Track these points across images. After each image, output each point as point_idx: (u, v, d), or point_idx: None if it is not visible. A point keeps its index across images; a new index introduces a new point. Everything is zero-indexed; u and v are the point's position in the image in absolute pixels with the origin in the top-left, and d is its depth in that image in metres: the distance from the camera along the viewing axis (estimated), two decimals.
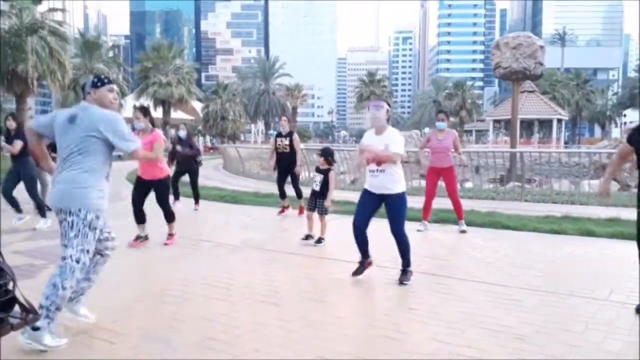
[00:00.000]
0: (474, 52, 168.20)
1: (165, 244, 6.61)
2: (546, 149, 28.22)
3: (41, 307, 3.19)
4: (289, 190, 9.13)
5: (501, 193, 11.89)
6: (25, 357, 3.23)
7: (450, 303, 4.33)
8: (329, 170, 6.74)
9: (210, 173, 20.15)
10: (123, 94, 34.91)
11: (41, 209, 7.96)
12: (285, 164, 8.91)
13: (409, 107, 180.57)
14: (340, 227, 7.07)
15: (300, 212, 8.96)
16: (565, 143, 52.61)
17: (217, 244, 6.83)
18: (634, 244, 4.14)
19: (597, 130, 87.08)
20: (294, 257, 6.09)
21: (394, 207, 4.84)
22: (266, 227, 8.23)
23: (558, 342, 3.47)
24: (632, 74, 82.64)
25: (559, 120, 42.48)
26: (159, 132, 6.22)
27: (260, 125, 74.15)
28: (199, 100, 47.93)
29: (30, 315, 2.66)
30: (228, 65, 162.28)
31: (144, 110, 6.28)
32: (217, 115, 49.70)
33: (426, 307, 4.22)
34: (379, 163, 4.77)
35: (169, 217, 6.71)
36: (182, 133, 10.10)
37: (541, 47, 21.03)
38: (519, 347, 3.41)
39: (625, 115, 71.38)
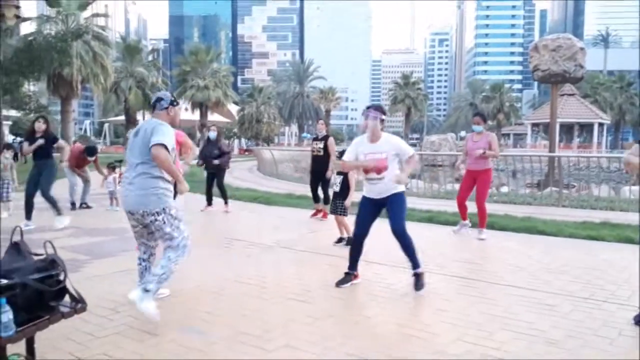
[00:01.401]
0: (512, 54, 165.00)
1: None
2: (585, 154, 27.47)
3: (154, 274, 3.84)
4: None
5: (538, 198, 11.70)
6: (73, 341, 3.41)
7: (480, 306, 4.33)
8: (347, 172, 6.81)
9: (244, 175, 20.47)
10: None
11: (56, 207, 8.07)
12: (319, 168, 8.95)
13: (444, 109, 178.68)
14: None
15: (324, 215, 9.01)
16: (608, 148, 51.14)
17: (250, 243, 6.97)
18: None
19: None
20: (323, 257, 6.18)
21: (394, 204, 4.74)
22: (297, 228, 8.33)
23: (589, 347, 3.45)
24: None
25: (601, 124, 41.37)
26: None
27: (294, 127, 74.68)
28: (235, 103, 48.68)
29: (79, 304, 2.82)
30: (264, 69, 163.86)
31: None
32: (252, 118, 50.31)
33: (455, 309, 4.24)
34: (378, 171, 4.74)
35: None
36: (212, 134, 10.19)
37: (582, 49, 20.50)
38: (549, 350, 3.40)
39: None
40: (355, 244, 4.97)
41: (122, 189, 4.02)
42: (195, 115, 41.82)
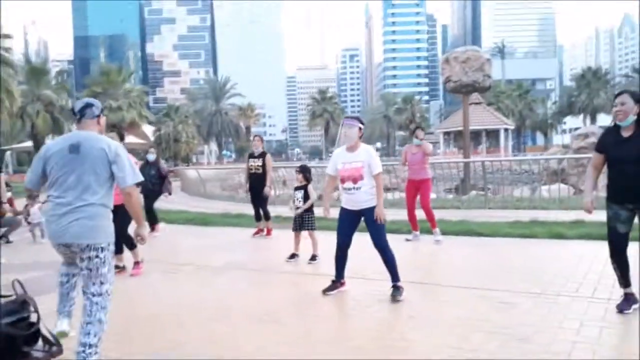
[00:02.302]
0: (419, 67, 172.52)
1: (132, 275, 6.24)
2: (503, 158, 29.19)
3: (90, 345, 3.10)
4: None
5: (466, 202, 12.22)
6: None
7: (447, 310, 4.44)
8: (307, 185, 6.82)
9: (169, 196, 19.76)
10: (72, 120, 33.93)
11: None
12: (258, 185, 8.82)
13: None
14: (327, 243, 7.10)
15: (268, 233, 8.92)
16: (513, 151, 54.50)
17: (198, 266, 6.74)
18: (603, 243, 4.36)
19: (539, 138, 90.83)
20: (280, 275, 6.09)
21: (372, 221, 4.81)
22: (243, 247, 8.18)
23: (560, 341, 3.62)
24: (568, 83, 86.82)
25: (506, 130, 44.01)
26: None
27: (213, 146, 73.49)
28: (150, 123, 47.09)
29: (54, 347, 2.59)
30: (176, 87, 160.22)
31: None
32: (169, 137, 48.80)
33: (425, 315, 4.32)
34: (354, 180, 4.81)
35: (130, 244, 6.29)
36: (151, 157, 9.92)
37: (488, 60, 21.84)
38: (525, 347, 3.54)
39: (565, 123, 74.79)
40: (339, 254, 5.01)
41: (54, 217, 3.30)
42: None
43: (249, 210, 10.75)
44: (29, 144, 33.17)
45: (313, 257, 6.60)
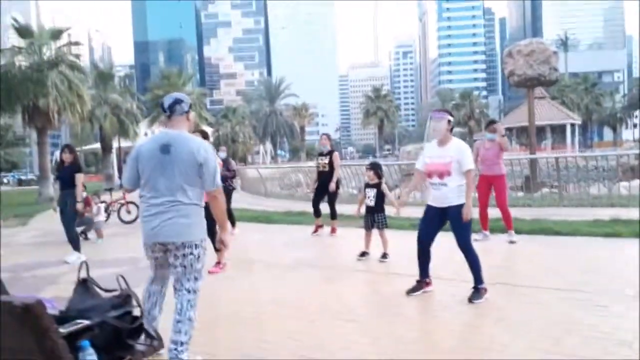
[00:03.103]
0: (475, 62, 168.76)
1: (210, 272, 6.17)
2: (586, 154, 28.05)
3: (182, 343, 3.15)
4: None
5: (537, 200, 11.75)
6: None
7: (536, 312, 4.23)
8: (379, 184, 6.71)
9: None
10: (137, 122, 35.20)
11: (75, 243, 7.81)
12: (326, 183, 8.79)
13: (412, 119, 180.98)
14: (397, 242, 6.99)
15: (333, 231, 8.85)
16: (581, 147, 52.30)
17: (269, 264, 6.77)
18: None
19: (607, 133, 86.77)
20: (352, 273, 6.03)
21: (456, 219, 4.65)
22: (310, 245, 8.18)
23: None
24: (639, 74, 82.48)
25: (572, 125, 42.31)
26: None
27: (268, 146, 74.54)
28: (209, 125, 48.25)
29: (155, 341, 2.62)
30: (232, 89, 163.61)
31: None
32: (227, 138, 50.03)
33: (513, 317, 4.14)
34: (440, 176, 4.68)
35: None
36: (222, 154, 10.04)
37: (554, 52, 20.97)
38: (625, 353, 3.32)
39: (636, 117, 71.08)
40: (421, 252, 4.87)
41: (148, 217, 3.34)
42: None
43: (311, 208, 10.80)
44: (96, 145, 34.76)
45: (384, 256, 6.50)
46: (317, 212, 9.04)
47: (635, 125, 72.55)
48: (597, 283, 4.95)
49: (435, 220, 4.79)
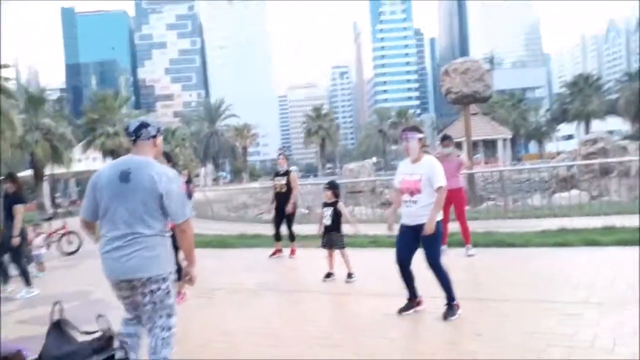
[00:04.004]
0: (409, 81, 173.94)
1: None
2: (524, 167, 29.19)
3: None
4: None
5: (484, 213, 12.08)
6: None
7: (511, 325, 4.27)
8: (336, 202, 6.67)
9: None
10: (71, 147, 33.69)
11: (26, 276, 7.34)
12: (284, 204, 8.62)
13: (351, 138, 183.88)
14: (360, 260, 6.94)
15: (292, 253, 8.69)
16: (511, 161, 54.59)
17: (232, 290, 6.55)
18: None
19: (532, 146, 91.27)
20: (320, 295, 5.92)
21: (428, 237, 4.63)
22: (271, 268, 7.99)
23: None
24: (560, 90, 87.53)
25: (504, 140, 44.16)
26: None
27: (210, 167, 73.34)
28: None
29: None
30: (169, 111, 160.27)
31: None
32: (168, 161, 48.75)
33: (491, 332, 4.16)
34: (411, 193, 4.68)
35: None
36: (183, 179, 9.68)
37: (487, 70, 21.99)
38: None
39: (559, 130, 75.21)
40: (402, 272, 4.79)
41: (109, 253, 3.07)
42: (108, 163, 39.91)
43: (265, 230, 10.61)
44: (28, 172, 32.97)
45: (349, 276, 6.42)
46: (277, 236, 8.81)
47: (557, 139, 76.90)
48: (562, 293, 5.07)
49: (409, 239, 4.75)
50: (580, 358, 3.46)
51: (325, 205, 6.76)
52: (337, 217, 6.59)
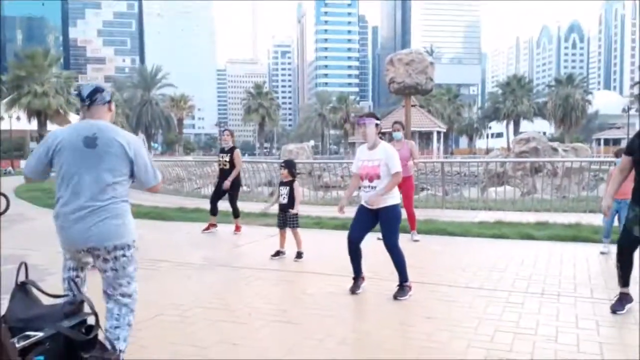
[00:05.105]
0: (350, 67, 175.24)
1: None
2: (460, 159, 30.08)
3: (120, 351, 2.81)
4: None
5: (423, 202, 12.41)
6: None
7: (460, 310, 4.44)
8: (292, 181, 6.65)
9: None
10: None
11: None
12: (224, 181, 8.58)
13: (290, 119, 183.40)
14: (306, 241, 6.96)
15: (237, 229, 8.65)
16: (443, 153, 56.41)
17: (178, 263, 6.39)
18: (575, 245, 4.34)
19: (462, 141, 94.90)
20: (270, 272, 5.89)
21: (386, 220, 4.82)
22: (216, 244, 7.88)
23: (588, 341, 3.70)
24: (493, 89, 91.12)
25: (438, 133, 45.52)
26: None
27: (142, 136, 70.83)
28: (77, 111, 44.70)
29: (110, 353, 2.32)
30: (100, 75, 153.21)
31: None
32: None
33: (442, 316, 4.29)
34: (370, 179, 4.78)
35: None
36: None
37: (431, 63, 22.48)
38: (555, 347, 3.59)
39: (490, 127, 78.48)
40: (351, 249, 4.91)
41: (70, 222, 2.93)
42: (33, 125, 37.60)
43: (204, 204, 10.44)
44: None
45: (298, 255, 6.45)
46: (214, 210, 8.82)
47: (487, 136, 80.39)
48: (504, 282, 5.31)
49: (366, 221, 4.89)
50: (526, 345, 3.64)
51: (282, 184, 6.72)
52: (292, 196, 6.57)
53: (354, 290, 4.94)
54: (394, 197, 4.85)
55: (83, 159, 2.95)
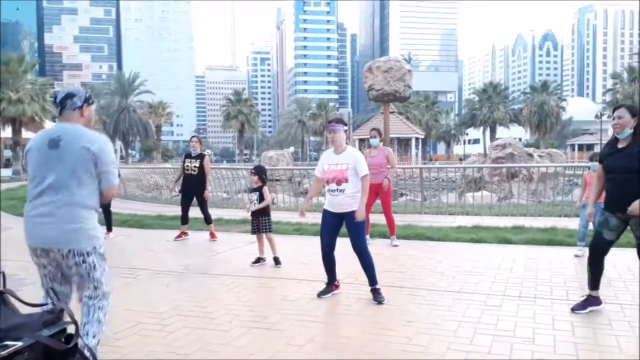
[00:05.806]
0: (329, 74, 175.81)
1: None
2: (442, 165, 30.33)
3: (89, 348, 2.79)
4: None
5: (401, 207, 12.52)
6: None
7: (439, 313, 4.49)
8: (262, 187, 6.68)
9: None
10: None
11: None
12: (193, 187, 8.61)
13: (269, 126, 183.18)
14: (285, 246, 6.98)
15: (212, 236, 8.65)
16: (421, 159, 56.88)
17: (156, 271, 6.34)
18: (551, 249, 4.43)
19: (441, 147, 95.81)
20: (250, 279, 5.88)
21: (352, 224, 4.90)
22: (195, 251, 7.82)
23: (563, 342, 3.78)
24: (469, 96, 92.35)
25: (417, 139, 45.92)
26: None
27: (119, 144, 70.04)
28: (54, 119, 43.99)
29: None
30: (76, 82, 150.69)
31: None
32: None
33: (422, 320, 4.34)
34: (338, 182, 4.85)
35: None
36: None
37: (409, 71, 22.70)
38: (532, 349, 3.66)
39: (467, 134, 79.38)
40: (325, 256, 5.01)
41: (29, 218, 3.03)
42: (7, 132, 36.89)
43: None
44: None
45: (276, 261, 6.48)
46: (185, 219, 8.83)
47: (464, 142, 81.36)
48: (482, 285, 5.39)
49: (333, 225, 4.99)
50: (503, 347, 3.70)
51: (253, 190, 6.77)
52: (262, 201, 6.59)
53: (322, 294, 5.01)
54: (357, 201, 4.90)
55: (47, 160, 3.03)
